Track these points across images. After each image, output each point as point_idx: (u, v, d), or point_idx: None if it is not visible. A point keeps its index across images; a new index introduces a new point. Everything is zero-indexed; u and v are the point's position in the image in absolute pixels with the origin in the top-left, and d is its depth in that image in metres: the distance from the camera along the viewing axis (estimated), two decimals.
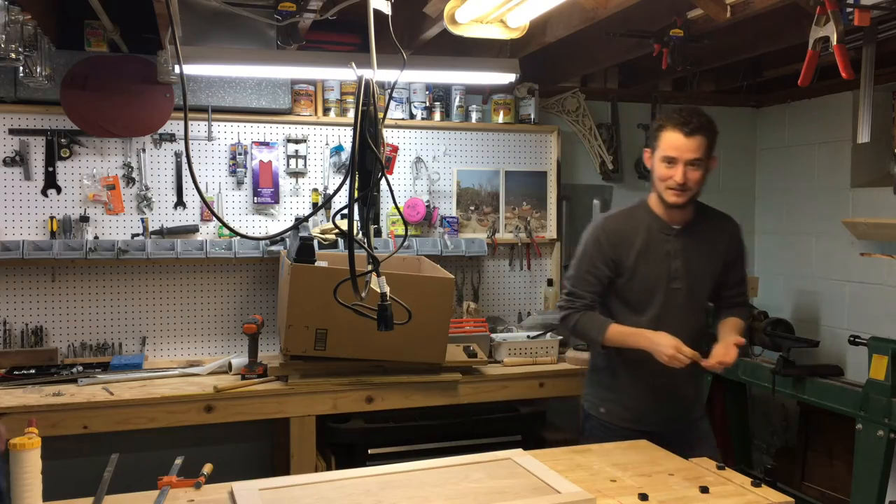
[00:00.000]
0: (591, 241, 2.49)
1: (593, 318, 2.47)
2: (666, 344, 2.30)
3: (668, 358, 2.28)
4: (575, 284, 2.51)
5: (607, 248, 2.45)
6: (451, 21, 2.27)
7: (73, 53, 3.20)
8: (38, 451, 1.60)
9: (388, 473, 1.92)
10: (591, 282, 2.47)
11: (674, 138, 2.36)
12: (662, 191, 2.41)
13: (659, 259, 2.45)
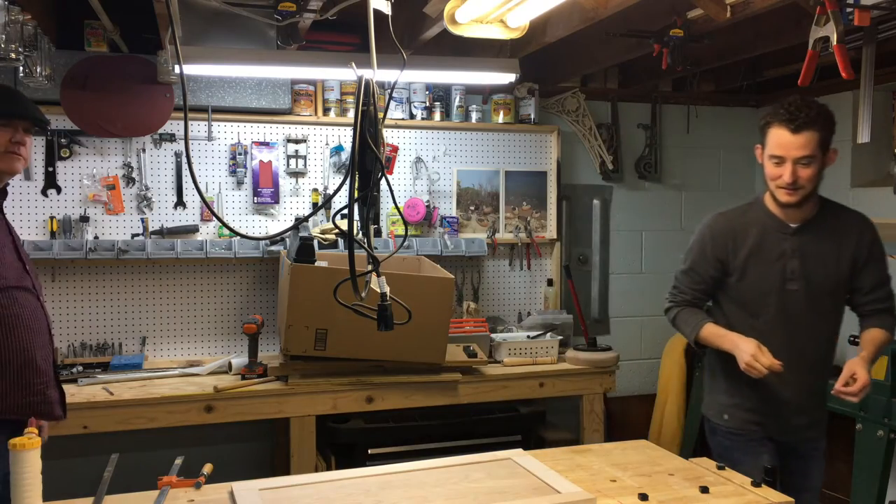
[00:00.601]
0: (698, 237, 2.41)
1: (691, 315, 2.42)
2: (745, 349, 2.18)
3: (744, 365, 2.17)
4: (679, 279, 2.47)
5: (713, 247, 2.36)
6: (451, 21, 2.26)
7: (73, 53, 3.20)
8: (38, 451, 1.60)
9: (388, 473, 1.92)
10: (695, 279, 2.42)
11: (780, 136, 2.19)
12: (774, 190, 2.25)
13: (773, 259, 2.30)
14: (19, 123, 2.24)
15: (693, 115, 4.33)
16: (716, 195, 4.43)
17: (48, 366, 2.27)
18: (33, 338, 2.21)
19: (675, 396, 4.08)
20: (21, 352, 2.18)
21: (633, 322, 4.31)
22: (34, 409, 2.19)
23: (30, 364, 2.20)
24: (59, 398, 2.31)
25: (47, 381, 2.25)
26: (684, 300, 2.45)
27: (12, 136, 2.22)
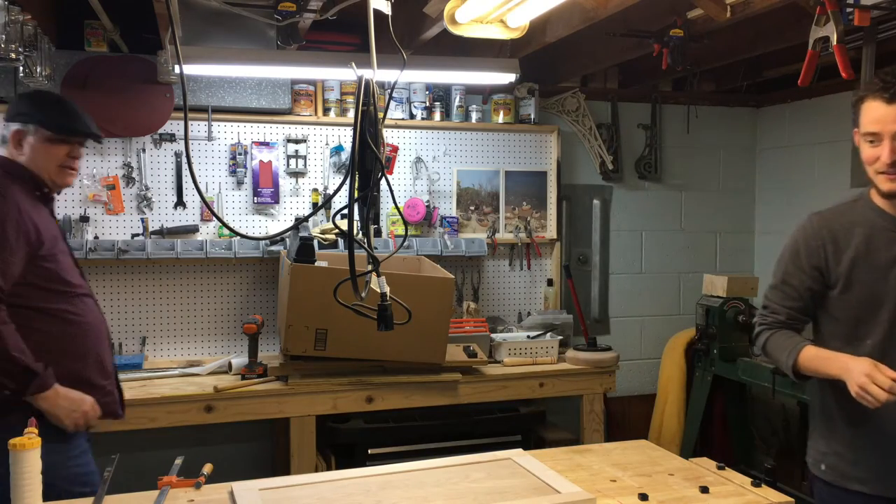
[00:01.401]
0: (790, 243, 2.06)
1: (786, 339, 2.00)
2: (857, 369, 1.77)
3: (856, 389, 1.76)
4: (770, 296, 2.08)
5: (808, 252, 2.00)
6: (451, 21, 2.26)
7: (73, 53, 3.20)
8: (38, 451, 1.60)
9: (388, 473, 1.92)
10: (789, 294, 2.03)
11: (873, 109, 1.86)
12: (873, 177, 1.91)
13: (883, 266, 1.91)
14: (76, 139, 2.31)
15: (693, 115, 4.33)
16: (716, 195, 4.44)
17: (111, 367, 2.38)
18: (101, 341, 2.33)
19: (675, 396, 4.08)
20: (93, 355, 2.28)
21: (633, 322, 4.31)
22: (105, 409, 2.29)
23: (100, 367, 2.31)
24: (119, 396, 2.41)
25: (112, 381, 2.37)
26: (777, 321, 2.04)
27: (69, 151, 2.30)
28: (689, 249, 4.38)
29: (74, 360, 2.22)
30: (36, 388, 2.09)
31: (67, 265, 2.27)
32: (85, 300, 2.29)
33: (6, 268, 2.09)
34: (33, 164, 2.27)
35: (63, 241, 2.32)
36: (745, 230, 4.50)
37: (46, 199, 2.34)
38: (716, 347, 3.78)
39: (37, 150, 2.27)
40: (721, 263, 4.44)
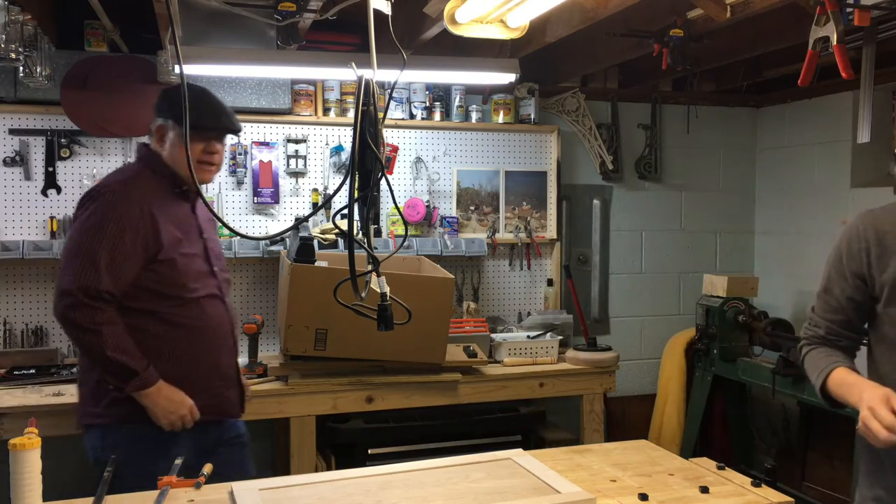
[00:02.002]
0: (836, 246, 1.79)
1: (820, 358, 1.77)
2: (868, 400, 1.54)
3: (861, 422, 1.54)
4: (815, 305, 1.84)
5: (852, 256, 1.73)
6: (451, 21, 2.26)
7: (73, 53, 3.20)
8: (38, 451, 1.60)
9: (388, 473, 1.92)
10: (831, 304, 1.78)
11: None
12: None
13: None
14: (212, 134, 2.29)
15: (693, 115, 4.33)
16: (716, 195, 4.44)
17: (230, 368, 2.39)
18: (218, 344, 2.33)
19: (675, 396, 4.08)
20: (207, 359, 2.30)
21: (633, 322, 4.31)
22: (215, 409, 2.33)
23: (214, 369, 2.33)
24: (238, 397, 2.43)
25: (228, 383, 2.38)
26: (816, 336, 1.81)
27: (205, 146, 2.28)
28: (689, 249, 4.38)
29: (183, 363, 2.25)
30: (134, 386, 2.15)
31: (189, 268, 2.25)
32: (202, 303, 2.28)
33: (118, 272, 2.14)
34: (172, 159, 2.28)
35: (193, 241, 2.30)
36: (745, 230, 4.50)
37: (186, 195, 2.33)
38: (716, 347, 3.78)
39: (174, 146, 2.27)
40: (721, 263, 4.44)
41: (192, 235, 2.31)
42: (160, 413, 2.19)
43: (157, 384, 2.17)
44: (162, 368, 2.21)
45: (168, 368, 2.22)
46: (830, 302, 1.78)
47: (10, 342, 3.25)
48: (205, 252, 2.34)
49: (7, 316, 3.26)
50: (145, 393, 2.17)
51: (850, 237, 1.75)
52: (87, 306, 2.11)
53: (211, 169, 2.33)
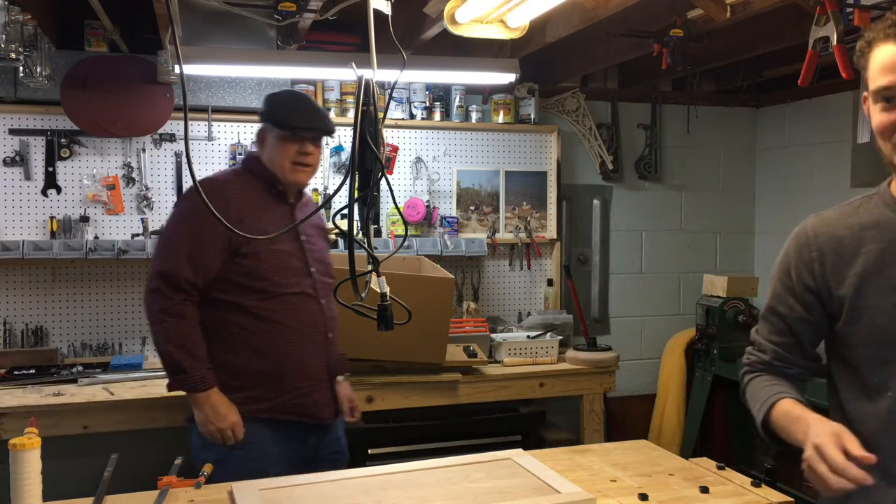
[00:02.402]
0: (782, 255, 1.53)
1: (763, 387, 1.50)
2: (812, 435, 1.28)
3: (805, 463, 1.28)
4: (760, 327, 1.56)
5: (799, 266, 1.46)
6: (451, 21, 2.26)
7: (73, 53, 3.20)
8: (38, 451, 1.60)
9: (388, 473, 1.92)
10: (777, 326, 1.50)
11: (885, 56, 1.31)
12: (888, 154, 1.41)
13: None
14: (306, 135, 2.30)
15: (693, 115, 4.33)
16: (716, 195, 4.44)
17: (321, 369, 2.35)
18: (306, 342, 2.31)
19: (675, 396, 4.08)
20: (292, 356, 2.28)
21: (633, 322, 4.31)
22: (301, 410, 2.31)
23: (299, 368, 2.30)
24: (328, 400, 2.38)
25: (317, 385, 2.34)
26: (760, 362, 1.54)
27: (299, 147, 2.29)
28: (689, 249, 4.38)
29: (267, 358, 2.26)
30: (177, 383, 2.19)
31: (277, 264, 2.26)
32: (291, 299, 2.28)
33: (199, 261, 2.19)
34: (269, 161, 2.32)
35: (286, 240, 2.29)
36: (745, 230, 4.50)
37: (282, 196, 2.35)
38: (716, 347, 3.78)
39: (272, 149, 2.31)
40: (721, 263, 4.44)
41: (288, 236, 2.31)
42: (201, 421, 2.20)
43: (206, 391, 2.18)
44: (246, 360, 2.25)
45: (252, 361, 2.25)
46: (776, 323, 1.50)
47: (10, 342, 3.25)
48: (301, 252, 2.33)
49: (7, 316, 3.27)
50: (192, 396, 2.19)
51: (798, 245, 1.49)
52: (161, 294, 2.18)
53: (305, 170, 2.34)
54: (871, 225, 1.42)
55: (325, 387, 2.38)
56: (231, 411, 2.20)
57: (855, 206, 1.49)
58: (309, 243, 2.37)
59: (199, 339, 2.21)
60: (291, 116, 2.29)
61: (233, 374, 2.26)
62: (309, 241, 2.38)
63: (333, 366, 2.40)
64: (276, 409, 2.28)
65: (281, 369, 2.28)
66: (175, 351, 2.17)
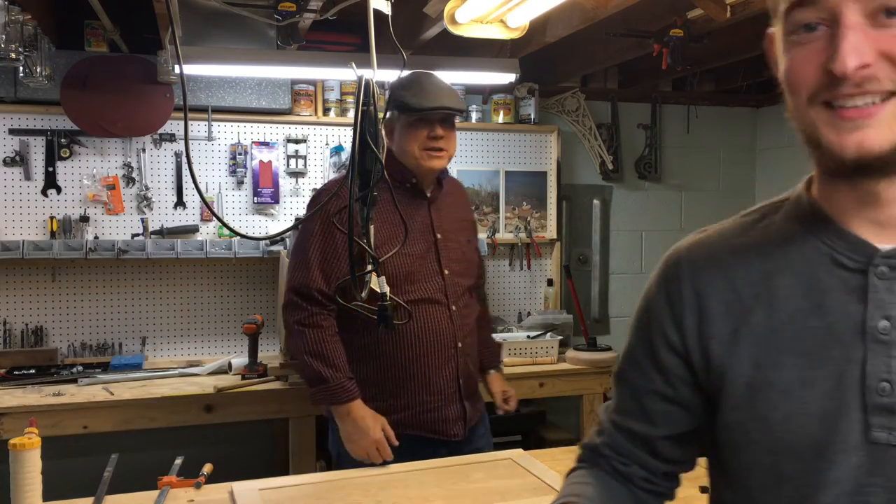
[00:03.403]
0: (644, 291, 0.99)
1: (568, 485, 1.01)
2: None
3: None
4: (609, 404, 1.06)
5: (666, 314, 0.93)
6: (451, 21, 2.26)
7: (73, 53, 3.20)
8: (38, 451, 1.60)
9: (388, 473, 1.92)
10: (622, 397, 1.01)
11: None
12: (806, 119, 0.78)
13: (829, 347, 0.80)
14: (433, 116, 2.12)
15: (693, 115, 4.33)
16: (716, 195, 4.44)
17: (449, 383, 2.19)
18: (432, 353, 2.16)
19: None
20: (415, 368, 2.15)
21: None
22: (427, 426, 2.18)
23: (424, 381, 2.16)
24: (458, 415, 2.21)
25: (444, 399, 2.19)
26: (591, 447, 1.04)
27: (428, 132, 2.12)
28: None
29: (390, 369, 2.15)
30: (319, 394, 2.08)
31: (403, 267, 2.12)
32: (420, 306, 2.13)
33: (331, 270, 2.10)
34: (400, 152, 2.17)
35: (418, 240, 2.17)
36: None
37: (417, 191, 2.20)
38: None
39: (401, 137, 2.16)
40: None
41: (418, 233, 2.17)
42: (345, 437, 2.08)
43: (348, 404, 2.06)
44: (372, 370, 2.15)
45: (376, 371, 2.16)
46: (623, 394, 1.00)
47: (10, 342, 3.25)
48: (434, 253, 2.19)
49: (7, 316, 3.27)
50: (334, 408, 2.09)
51: (665, 278, 0.94)
52: (297, 306, 2.10)
53: (440, 155, 2.14)
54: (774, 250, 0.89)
55: (454, 400, 2.20)
56: (375, 427, 2.04)
57: (753, 218, 0.97)
58: (446, 241, 2.21)
59: (339, 349, 2.10)
60: (415, 98, 2.10)
61: (360, 384, 2.13)
62: (446, 238, 2.22)
63: (466, 378, 2.22)
64: (401, 423, 2.14)
65: (404, 382, 2.15)
66: (314, 361, 2.07)
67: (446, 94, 2.14)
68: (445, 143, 2.15)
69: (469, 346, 2.24)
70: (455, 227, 2.28)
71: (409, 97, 2.11)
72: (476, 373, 2.33)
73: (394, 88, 2.17)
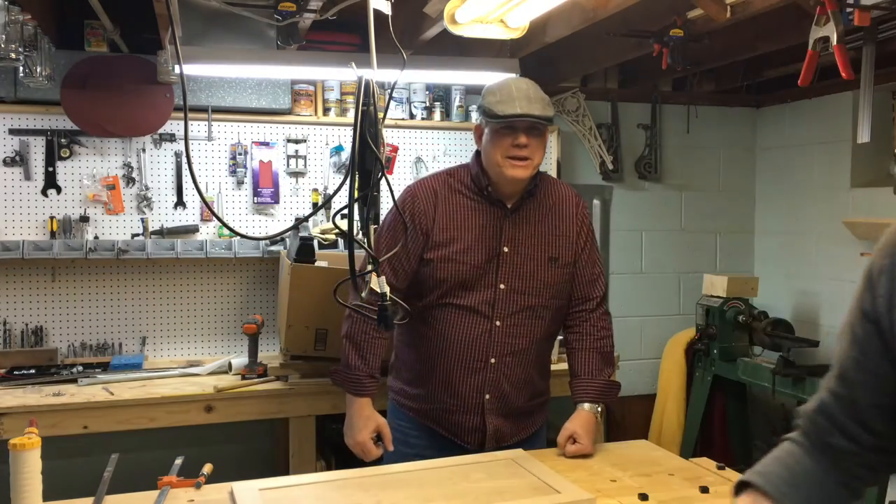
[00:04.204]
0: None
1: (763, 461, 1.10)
2: None
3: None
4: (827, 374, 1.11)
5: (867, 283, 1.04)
6: (451, 21, 2.26)
7: (73, 53, 3.20)
8: (38, 451, 1.60)
9: (388, 473, 1.92)
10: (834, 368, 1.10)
11: None
12: None
13: None
14: (518, 123, 2.04)
15: (693, 115, 4.33)
16: (716, 195, 4.44)
17: (472, 393, 2.18)
18: (458, 362, 2.17)
19: (675, 396, 4.08)
20: (439, 371, 2.19)
21: (633, 322, 4.31)
22: (446, 426, 2.23)
23: (446, 385, 2.20)
24: (476, 426, 2.20)
25: (465, 407, 2.19)
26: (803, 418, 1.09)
27: (512, 140, 2.05)
28: (689, 249, 4.38)
29: (419, 360, 2.24)
30: (338, 377, 2.17)
31: (451, 273, 2.12)
32: (452, 312, 2.14)
33: (397, 264, 2.12)
34: (485, 157, 2.13)
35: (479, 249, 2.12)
36: (745, 230, 4.50)
37: (492, 199, 2.15)
38: (716, 347, 3.78)
39: (486, 143, 2.11)
40: (721, 263, 4.44)
41: (481, 242, 2.13)
42: (345, 425, 2.17)
43: (355, 397, 2.12)
44: (412, 357, 2.26)
45: (415, 360, 2.25)
46: (834, 366, 1.07)
47: (10, 342, 3.25)
48: (493, 265, 2.13)
49: (7, 316, 3.27)
50: (347, 396, 2.16)
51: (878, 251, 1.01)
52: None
53: (523, 164, 2.07)
54: None
55: (476, 412, 2.19)
56: (363, 430, 2.09)
57: None
58: (514, 254, 2.15)
59: (378, 347, 2.13)
60: (501, 104, 2.03)
61: (402, 366, 2.31)
62: (515, 251, 2.15)
63: (497, 395, 2.18)
64: (423, 413, 2.25)
65: (431, 379, 2.21)
66: (349, 345, 2.13)
67: (535, 102, 2.05)
68: (530, 152, 2.07)
69: (510, 365, 2.18)
70: (535, 241, 2.18)
71: (494, 103, 2.05)
72: (520, 397, 2.24)
73: (483, 92, 2.13)
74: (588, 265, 2.28)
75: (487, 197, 2.15)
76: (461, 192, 2.17)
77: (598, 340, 2.26)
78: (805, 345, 3.50)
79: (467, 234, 2.13)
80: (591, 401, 2.19)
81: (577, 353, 2.26)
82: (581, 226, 2.31)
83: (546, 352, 2.33)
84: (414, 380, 2.26)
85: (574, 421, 2.15)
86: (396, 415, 2.32)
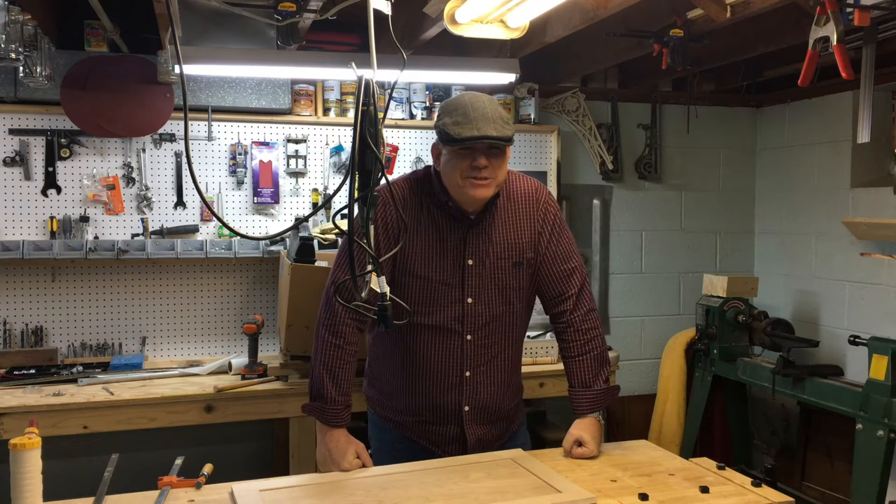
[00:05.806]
0: None
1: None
2: None
3: None
4: None
5: None
6: (451, 21, 2.27)
7: (73, 53, 3.20)
8: (38, 451, 1.60)
9: (388, 473, 1.92)
10: None
11: None
12: None
13: None
14: (477, 145, 1.95)
15: (693, 115, 4.33)
16: (716, 195, 4.44)
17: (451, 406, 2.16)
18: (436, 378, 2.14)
19: (675, 396, 4.08)
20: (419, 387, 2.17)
21: (633, 322, 4.31)
22: (425, 436, 2.20)
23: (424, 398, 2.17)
24: (455, 437, 2.18)
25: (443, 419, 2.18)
26: None
27: (470, 162, 1.96)
28: (689, 249, 4.38)
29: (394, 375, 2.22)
30: (313, 410, 2.07)
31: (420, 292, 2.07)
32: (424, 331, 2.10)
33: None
34: (445, 179, 2.04)
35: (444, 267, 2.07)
36: (745, 230, 4.50)
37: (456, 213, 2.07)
38: (716, 347, 3.78)
39: (444, 164, 2.03)
40: (721, 263, 4.44)
41: (445, 260, 2.08)
42: (318, 454, 2.08)
43: (329, 430, 2.04)
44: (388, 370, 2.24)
45: (391, 373, 2.23)
46: None
47: (10, 342, 3.25)
48: (458, 279, 2.08)
49: (7, 316, 3.27)
50: (318, 425, 2.07)
51: None
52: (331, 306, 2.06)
53: (479, 184, 1.98)
54: None
55: (454, 423, 2.17)
56: (345, 457, 2.01)
57: None
58: (478, 267, 2.09)
59: (350, 372, 2.09)
60: (457, 126, 1.94)
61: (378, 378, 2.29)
62: (478, 264, 2.09)
63: (475, 406, 2.16)
64: (403, 425, 2.21)
65: (409, 393, 2.18)
66: (324, 375, 2.04)
67: (492, 121, 1.95)
68: (490, 172, 1.99)
69: (486, 373, 2.16)
70: (498, 250, 2.12)
71: (450, 125, 1.96)
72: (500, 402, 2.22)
73: (438, 111, 2.06)
74: (558, 260, 2.20)
75: (449, 211, 2.08)
76: (426, 206, 2.09)
77: (587, 343, 2.21)
78: (805, 345, 3.50)
79: (430, 250, 2.08)
80: (591, 411, 2.16)
81: (569, 363, 2.22)
82: (544, 222, 2.17)
83: (519, 348, 2.32)
84: (392, 392, 2.24)
85: (578, 426, 2.13)
86: (377, 426, 2.32)
